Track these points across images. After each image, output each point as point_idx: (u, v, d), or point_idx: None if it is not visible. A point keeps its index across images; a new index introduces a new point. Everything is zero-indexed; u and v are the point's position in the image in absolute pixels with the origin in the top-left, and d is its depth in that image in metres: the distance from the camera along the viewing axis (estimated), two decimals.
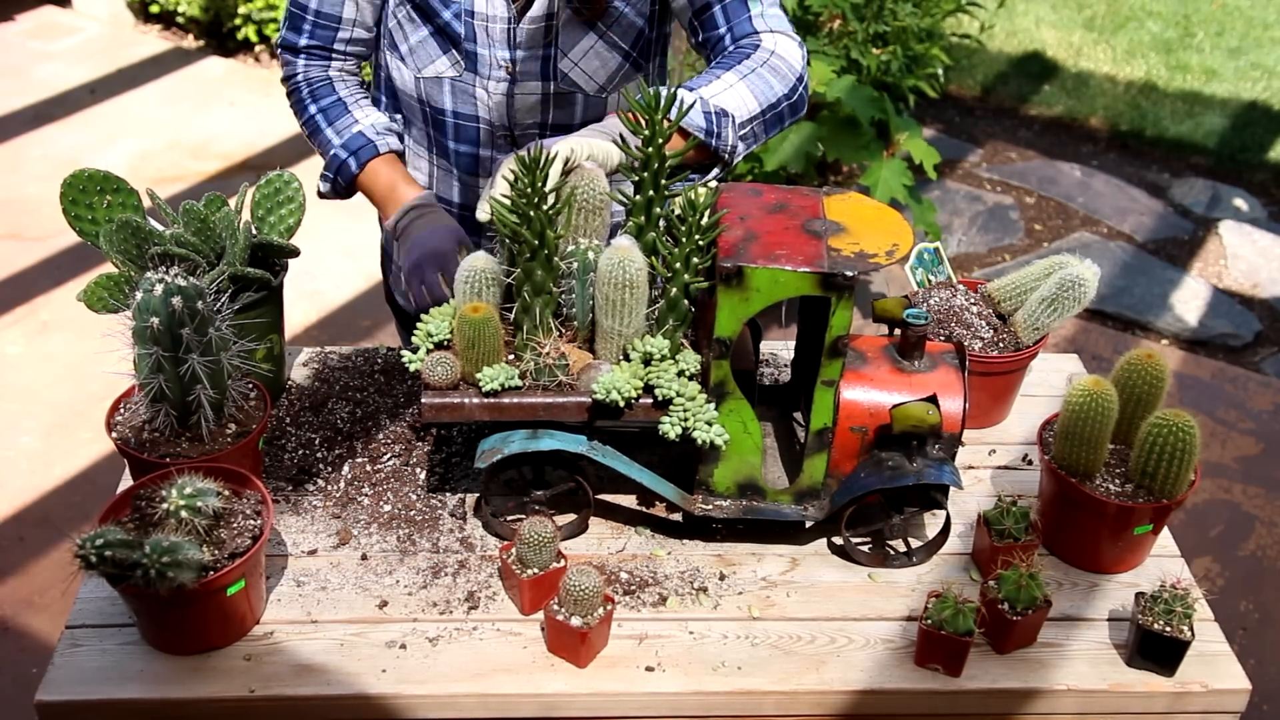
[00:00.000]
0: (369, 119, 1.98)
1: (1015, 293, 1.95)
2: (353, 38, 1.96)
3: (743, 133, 1.82)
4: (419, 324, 1.69)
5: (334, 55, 1.98)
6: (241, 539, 1.53)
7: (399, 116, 2.05)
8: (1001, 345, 1.92)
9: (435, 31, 1.88)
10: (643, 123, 1.62)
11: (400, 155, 2.01)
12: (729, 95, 1.81)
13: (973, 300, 1.98)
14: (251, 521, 1.56)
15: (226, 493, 1.54)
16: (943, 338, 1.92)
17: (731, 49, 1.89)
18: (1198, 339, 4.13)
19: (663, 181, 1.65)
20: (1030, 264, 1.97)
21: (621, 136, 1.65)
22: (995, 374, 1.92)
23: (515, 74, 1.88)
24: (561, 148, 1.66)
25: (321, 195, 2.04)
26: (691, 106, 1.68)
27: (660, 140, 1.62)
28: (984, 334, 1.93)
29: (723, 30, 1.90)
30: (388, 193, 1.93)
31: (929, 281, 2.05)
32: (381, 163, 1.95)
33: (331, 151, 1.96)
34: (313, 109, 1.98)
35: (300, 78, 1.99)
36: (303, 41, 1.96)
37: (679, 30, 3.15)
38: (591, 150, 1.68)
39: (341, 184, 1.98)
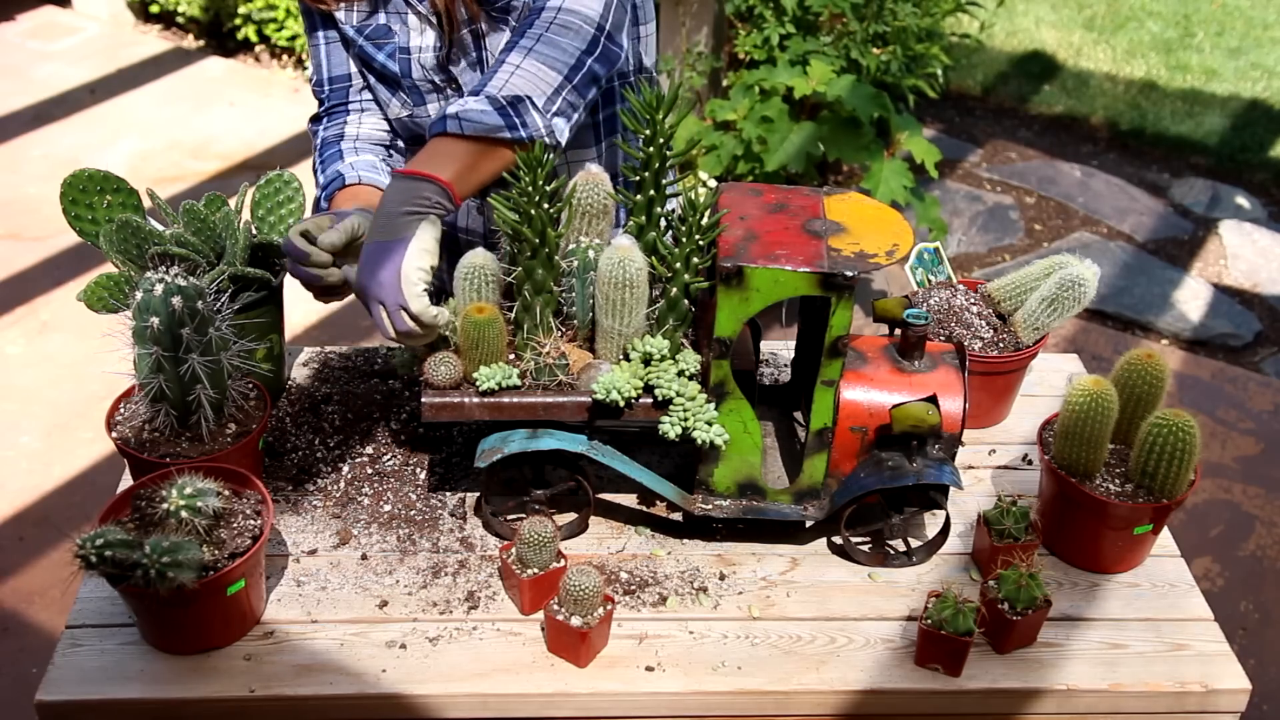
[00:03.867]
0: (353, 160, 1.96)
1: (1015, 293, 1.95)
2: (364, 86, 2.00)
3: (553, 109, 1.70)
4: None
5: (351, 108, 2.01)
6: (241, 539, 1.53)
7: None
8: (1001, 345, 1.92)
9: (379, 78, 1.92)
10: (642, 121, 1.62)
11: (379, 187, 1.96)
12: (518, 78, 1.69)
13: (973, 300, 1.98)
14: (251, 521, 1.56)
15: (226, 493, 1.54)
16: (943, 338, 1.92)
17: (526, 18, 1.75)
18: (1198, 339, 4.13)
19: (663, 181, 1.65)
20: (1030, 264, 1.97)
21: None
22: (995, 374, 1.92)
23: (460, 86, 1.90)
24: (416, 298, 1.60)
25: None
26: (455, 123, 1.63)
27: (661, 140, 1.62)
28: (984, 334, 1.93)
29: (518, 1, 1.81)
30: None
31: (929, 281, 2.05)
32: (344, 192, 1.90)
33: (317, 195, 1.96)
34: (316, 163, 1.99)
35: (318, 142, 2.00)
36: (323, 109, 2.01)
37: (668, 35, 3.07)
38: (420, 279, 1.62)
39: None
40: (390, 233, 1.59)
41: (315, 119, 2.04)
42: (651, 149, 1.63)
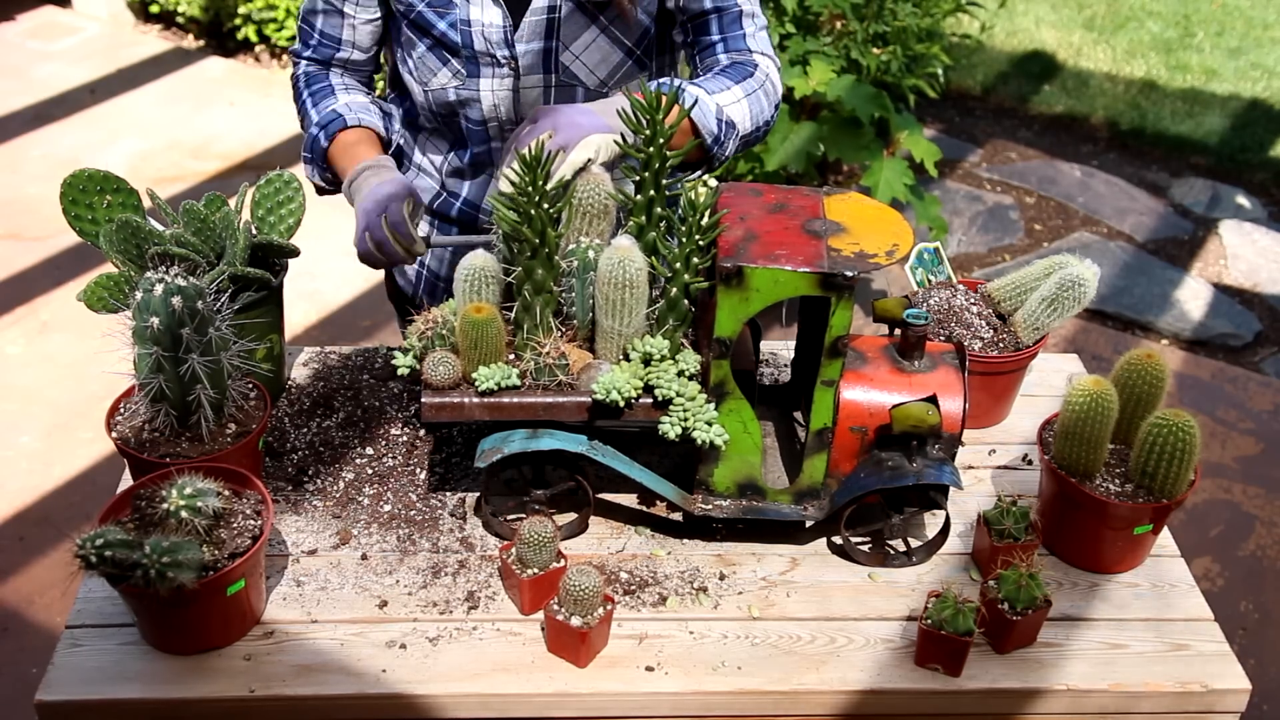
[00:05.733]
0: (348, 100, 2.01)
1: (1015, 293, 1.95)
2: (350, 58, 2.03)
3: (736, 147, 1.91)
4: (408, 329, 1.69)
5: (333, 68, 2.06)
6: (241, 539, 1.53)
7: (421, 127, 2.08)
8: (1001, 345, 1.92)
9: (434, 44, 1.91)
10: (643, 121, 1.62)
11: (380, 136, 2.01)
12: (737, 109, 1.89)
13: (973, 300, 1.98)
14: (251, 522, 1.56)
15: (226, 493, 1.54)
16: (943, 338, 1.92)
17: (728, 63, 1.94)
18: (1198, 339, 4.13)
19: (664, 180, 1.65)
20: (1030, 264, 1.97)
21: (622, 111, 1.66)
22: (995, 374, 1.92)
23: (518, 69, 1.90)
24: (583, 151, 1.69)
25: (318, 189, 2.05)
26: (695, 105, 1.74)
27: (661, 140, 1.62)
28: (984, 334, 1.93)
29: (715, 39, 1.95)
30: (348, 158, 1.94)
31: (929, 281, 2.05)
32: (350, 134, 1.96)
33: (309, 130, 2.00)
34: (305, 94, 2.04)
35: (301, 71, 2.06)
36: (307, 53, 2.05)
37: None
38: (606, 150, 1.71)
39: (318, 162, 1.99)
40: (604, 111, 1.76)
41: (298, 55, 2.07)
42: (651, 149, 1.63)
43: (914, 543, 1.75)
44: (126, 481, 1.78)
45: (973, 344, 1.91)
